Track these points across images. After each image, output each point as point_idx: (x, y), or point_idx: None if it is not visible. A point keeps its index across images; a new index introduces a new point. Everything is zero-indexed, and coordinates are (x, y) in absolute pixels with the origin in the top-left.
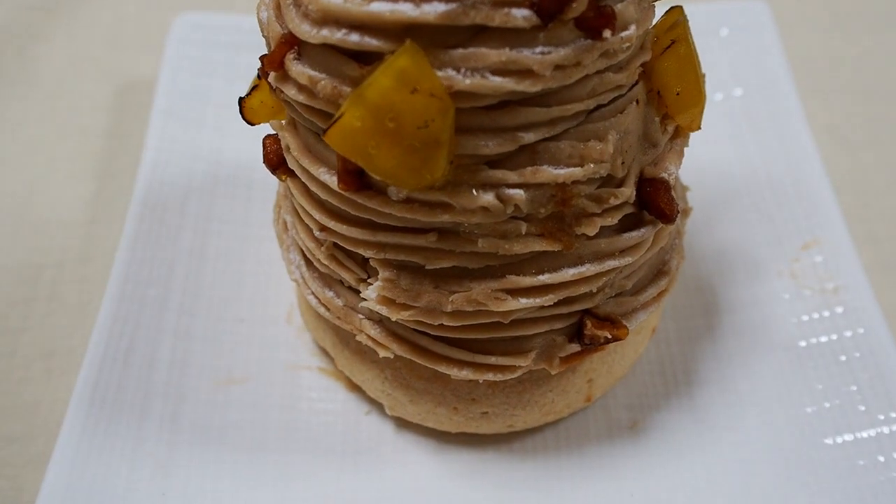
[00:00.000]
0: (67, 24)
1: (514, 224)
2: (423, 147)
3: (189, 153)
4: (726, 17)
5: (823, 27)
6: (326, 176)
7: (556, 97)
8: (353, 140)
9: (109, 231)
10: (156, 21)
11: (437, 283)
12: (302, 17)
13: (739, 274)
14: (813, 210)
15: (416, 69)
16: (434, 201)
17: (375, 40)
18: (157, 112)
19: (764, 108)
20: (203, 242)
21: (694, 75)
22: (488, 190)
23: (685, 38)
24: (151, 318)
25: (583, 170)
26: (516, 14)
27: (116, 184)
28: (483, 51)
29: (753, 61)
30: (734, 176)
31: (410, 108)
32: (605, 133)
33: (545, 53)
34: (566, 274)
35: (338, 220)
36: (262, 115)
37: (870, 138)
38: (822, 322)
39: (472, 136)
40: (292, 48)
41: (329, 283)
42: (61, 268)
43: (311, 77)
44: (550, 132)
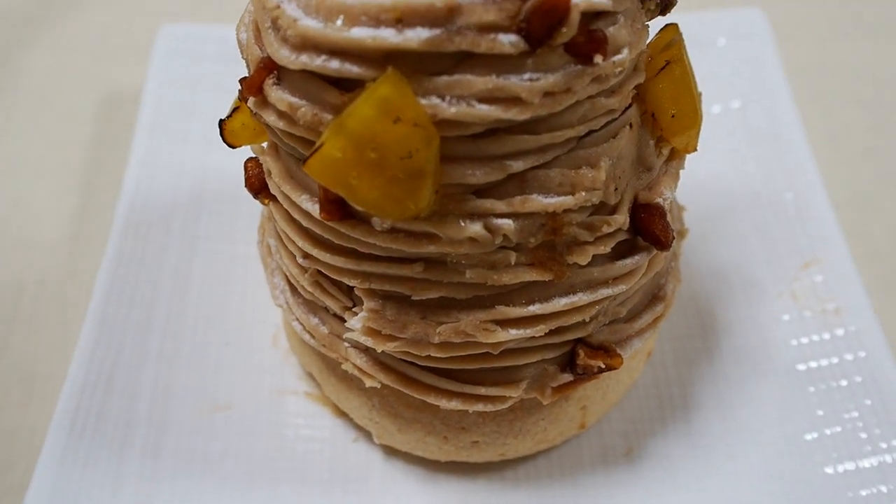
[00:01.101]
0: (52, 34)
1: (503, 254)
2: (406, 177)
3: (174, 168)
4: (723, 26)
5: (822, 36)
6: (308, 204)
7: (546, 124)
8: (334, 170)
9: (93, 247)
10: (141, 31)
11: (423, 314)
12: (281, 41)
13: (738, 294)
14: (813, 228)
15: (399, 98)
16: (420, 232)
17: (356, 67)
18: (141, 127)
19: (762, 121)
20: (188, 262)
21: (690, 97)
22: (476, 220)
23: (680, 58)
24: (134, 342)
25: (574, 198)
26: (503, 40)
27: (100, 198)
28: (469, 78)
29: (751, 72)
30: (732, 192)
31: (393, 138)
32: (598, 159)
33: (534, 80)
34: (557, 304)
35: (321, 248)
36: (244, 138)
37: (870, 149)
38: (823, 345)
39: (459, 164)
40: (271, 73)
41: (314, 310)
42: (43, 286)
43: (291, 104)
44: (540, 160)
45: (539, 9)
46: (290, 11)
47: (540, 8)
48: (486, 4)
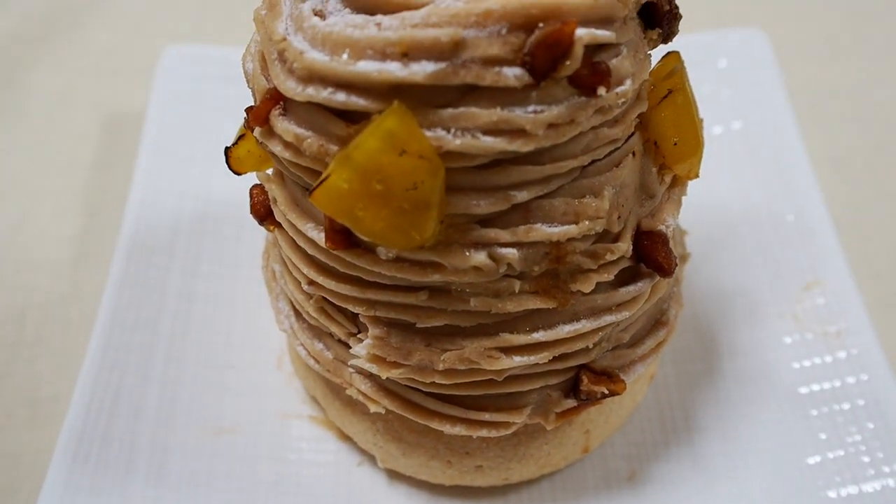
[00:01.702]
0: (55, 55)
1: (507, 282)
2: (412, 208)
3: (177, 190)
4: (725, 47)
5: (823, 56)
6: (314, 232)
7: (550, 154)
8: (340, 202)
9: (96, 269)
10: (143, 51)
11: (428, 341)
12: (287, 73)
13: (740, 316)
14: (815, 250)
15: (405, 131)
16: (424, 261)
17: (362, 100)
18: (145, 149)
19: (764, 142)
20: (191, 284)
21: (692, 125)
22: (480, 249)
23: (682, 87)
24: (138, 365)
25: (578, 227)
26: (508, 73)
27: (104, 219)
28: (474, 110)
29: (753, 93)
30: (734, 213)
31: (399, 170)
32: (601, 188)
33: (538, 112)
34: (561, 331)
35: (326, 276)
36: (249, 165)
37: (871, 170)
38: (825, 368)
39: (464, 195)
40: (277, 104)
41: (319, 335)
42: (46, 309)
43: (297, 135)
44: (544, 190)
45: (543, 42)
46: (296, 44)
47: (544, 41)
48: (490, 38)
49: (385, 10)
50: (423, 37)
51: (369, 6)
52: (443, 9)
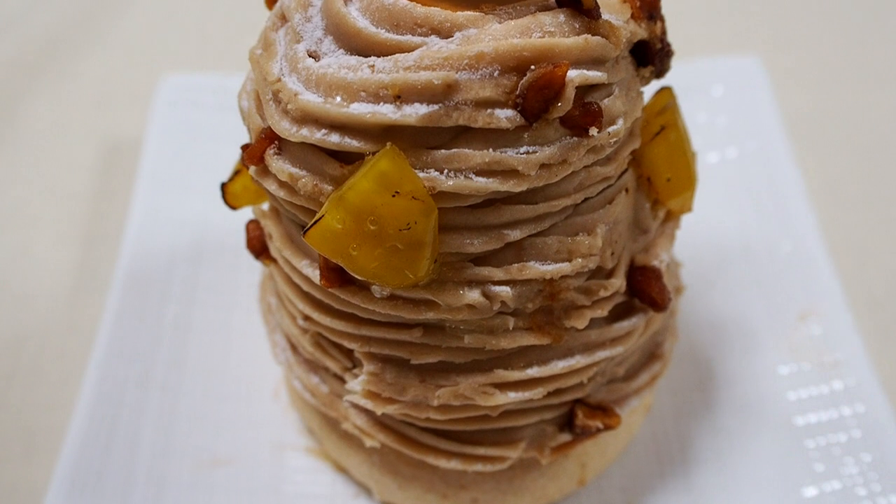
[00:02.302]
0: (54, 83)
1: (501, 319)
2: (406, 248)
3: (175, 220)
4: (720, 74)
5: (818, 82)
6: (309, 269)
7: (543, 194)
8: (334, 242)
9: (93, 299)
10: (140, 80)
11: (423, 377)
12: (282, 114)
13: (736, 345)
14: (810, 279)
15: (397, 172)
16: (419, 299)
17: (356, 141)
18: (142, 178)
19: (760, 171)
20: (188, 314)
21: (685, 161)
22: (474, 287)
23: (675, 123)
24: (134, 397)
25: (571, 265)
26: (500, 115)
27: (101, 248)
28: (466, 152)
29: (748, 121)
30: (729, 242)
31: (392, 211)
32: (594, 226)
33: (530, 153)
34: (556, 367)
35: (321, 312)
36: (245, 200)
37: (867, 196)
38: (822, 399)
39: (457, 234)
40: (272, 143)
41: (314, 369)
42: (43, 340)
43: (292, 174)
44: (537, 228)
45: (535, 84)
46: (290, 85)
47: (536, 84)
48: (482, 80)
49: (378, 51)
50: (415, 80)
51: (363, 48)
52: (435, 51)
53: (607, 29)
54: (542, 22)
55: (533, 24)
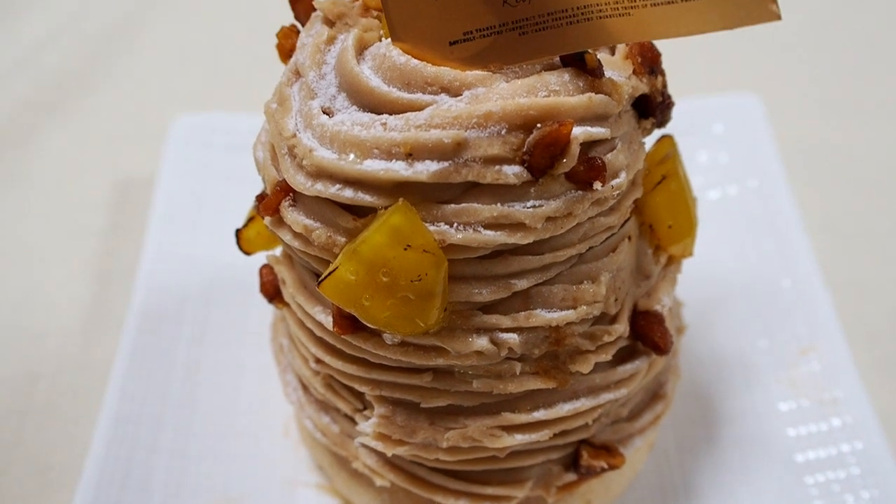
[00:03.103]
0: (67, 121)
1: (508, 365)
2: (416, 298)
3: (187, 258)
4: (720, 112)
5: (817, 117)
6: (322, 316)
7: (549, 244)
8: (348, 292)
9: (106, 336)
10: (155, 118)
11: (432, 420)
12: (297, 168)
13: (738, 382)
14: (810, 316)
15: (409, 226)
16: (429, 345)
17: (369, 196)
18: (154, 217)
19: (759, 208)
20: (200, 353)
21: (685, 208)
22: (482, 334)
23: (676, 172)
24: (148, 436)
25: (576, 312)
26: (507, 171)
27: (114, 286)
28: (475, 206)
29: (748, 159)
30: (730, 279)
31: (404, 263)
32: (598, 274)
33: (537, 207)
34: (561, 409)
35: (333, 356)
36: (259, 245)
37: (866, 231)
38: (821, 435)
39: (466, 283)
40: (287, 195)
41: (325, 409)
42: (57, 377)
43: (307, 226)
44: (543, 277)
45: (541, 142)
46: (305, 141)
47: (542, 141)
48: (491, 138)
49: (390, 109)
50: (426, 138)
51: (375, 105)
52: (445, 110)
53: (610, 87)
54: (548, 81)
55: (539, 83)
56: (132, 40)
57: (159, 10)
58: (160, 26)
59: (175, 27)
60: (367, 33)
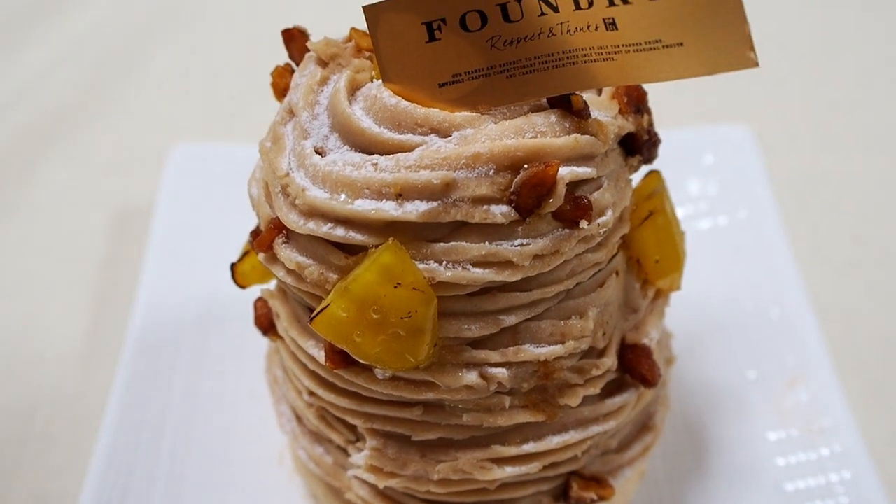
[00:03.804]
0: (65, 151)
1: (497, 398)
2: (407, 334)
3: (184, 288)
4: (711, 142)
5: (807, 149)
6: (314, 350)
7: (536, 281)
8: (339, 329)
9: (104, 365)
10: (152, 147)
11: (423, 453)
12: (290, 206)
13: (728, 412)
14: (799, 346)
15: (399, 265)
16: (419, 380)
17: (360, 235)
18: (152, 247)
19: (750, 238)
20: (197, 381)
21: (672, 243)
22: (472, 369)
23: (662, 208)
24: (144, 464)
25: (564, 346)
26: (495, 211)
27: (112, 314)
28: (464, 245)
29: (738, 190)
30: (720, 308)
31: (394, 301)
32: (586, 309)
33: (524, 245)
34: (551, 442)
35: (326, 389)
36: (254, 279)
37: (854, 261)
38: (810, 465)
39: (455, 320)
40: (281, 232)
41: (319, 440)
42: (55, 404)
43: (299, 263)
44: (532, 313)
45: (528, 182)
46: (298, 180)
47: (529, 181)
48: (479, 179)
49: (381, 150)
50: (416, 179)
51: (366, 145)
52: (434, 151)
53: (596, 127)
54: (535, 122)
55: (526, 124)
56: (130, 71)
57: (157, 41)
58: (158, 57)
59: (173, 58)
60: (359, 74)
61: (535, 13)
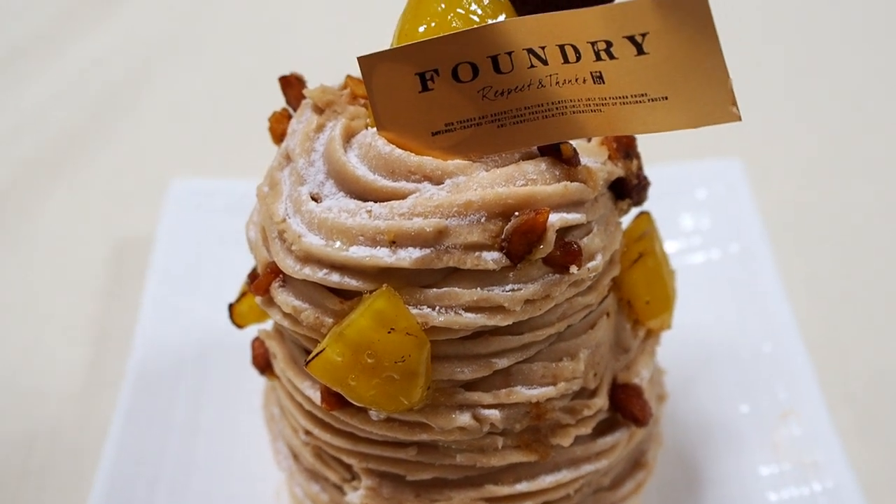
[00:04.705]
0: (66, 184)
1: (490, 439)
2: (401, 378)
3: (183, 320)
4: (704, 177)
5: (800, 182)
6: (310, 391)
7: (528, 324)
8: (334, 372)
9: (103, 398)
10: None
11: (418, 492)
12: (286, 252)
13: (721, 446)
14: (790, 380)
15: (392, 310)
16: (413, 421)
17: (355, 281)
18: (152, 281)
19: (741, 273)
20: (195, 417)
21: (662, 284)
22: (465, 411)
23: (652, 250)
24: (143, 499)
25: (556, 388)
26: (487, 257)
27: (112, 348)
28: (456, 290)
29: (730, 224)
30: (713, 342)
31: (388, 346)
32: (577, 351)
33: (515, 290)
34: (543, 481)
35: (322, 429)
36: (251, 319)
37: (845, 293)
38: (802, 500)
39: (448, 363)
40: (278, 276)
41: (315, 478)
42: (54, 438)
43: (295, 307)
44: (523, 356)
45: (518, 229)
46: (295, 227)
47: (519, 229)
48: (471, 226)
49: (376, 197)
50: (409, 227)
51: (361, 192)
52: (427, 199)
53: (585, 174)
54: (525, 170)
55: (517, 172)
56: (131, 104)
57: (158, 75)
58: (158, 91)
59: (173, 92)
60: (354, 121)
61: (524, 65)
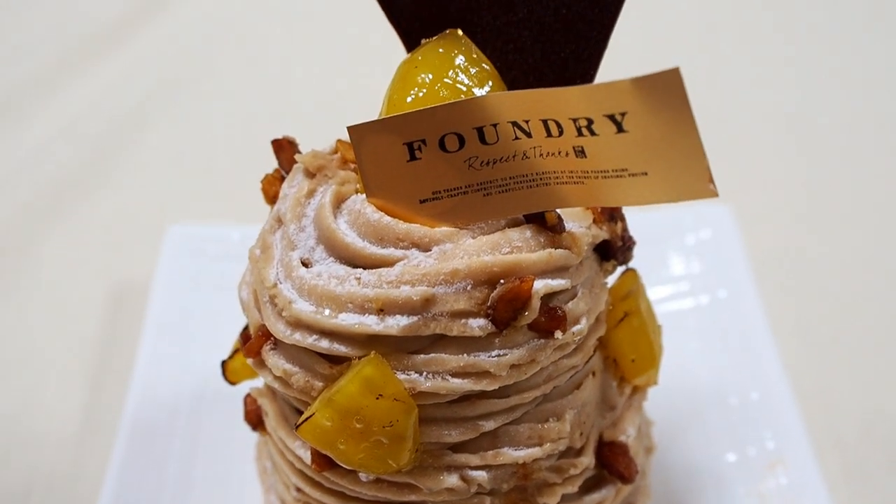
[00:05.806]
0: (62, 228)
1: (478, 499)
2: (389, 442)
3: (179, 370)
4: (693, 223)
5: (788, 228)
6: (301, 451)
7: (514, 388)
8: (324, 437)
9: (99, 447)
10: (150, 226)
11: None
12: (277, 316)
13: (708, 495)
14: (778, 429)
15: (380, 377)
16: (401, 483)
17: (344, 347)
18: (148, 329)
19: (730, 319)
20: (189, 467)
21: (648, 343)
22: (452, 472)
23: (637, 309)
24: None
25: (542, 449)
26: (473, 324)
27: (108, 395)
28: (443, 356)
29: (719, 269)
30: (701, 390)
31: (376, 411)
32: (563, 411)
33: (501, 356)
34: None
35: (312, 487)
36: (244, 375)
37: (834, 339)
38: None
39: (436, 425)
40: (269, 339)
41: None
42: (50, 488)
43: (286, 370)
44: (510, 418)
45: (504, 297)
46: (285, 293)
47: (505, 296)
48: (457, 294)
49: (364, 263)
50: (397, 295)
51: (350, 258)
52: (414, 267)
53: (570, 241)
54: (511, 238)
55: (502, 239)
56: (128, 150)
57: (156, 121)
58: (156, 137)
59: (171, 137)
60: (344, 186)
61: (509, 137)
